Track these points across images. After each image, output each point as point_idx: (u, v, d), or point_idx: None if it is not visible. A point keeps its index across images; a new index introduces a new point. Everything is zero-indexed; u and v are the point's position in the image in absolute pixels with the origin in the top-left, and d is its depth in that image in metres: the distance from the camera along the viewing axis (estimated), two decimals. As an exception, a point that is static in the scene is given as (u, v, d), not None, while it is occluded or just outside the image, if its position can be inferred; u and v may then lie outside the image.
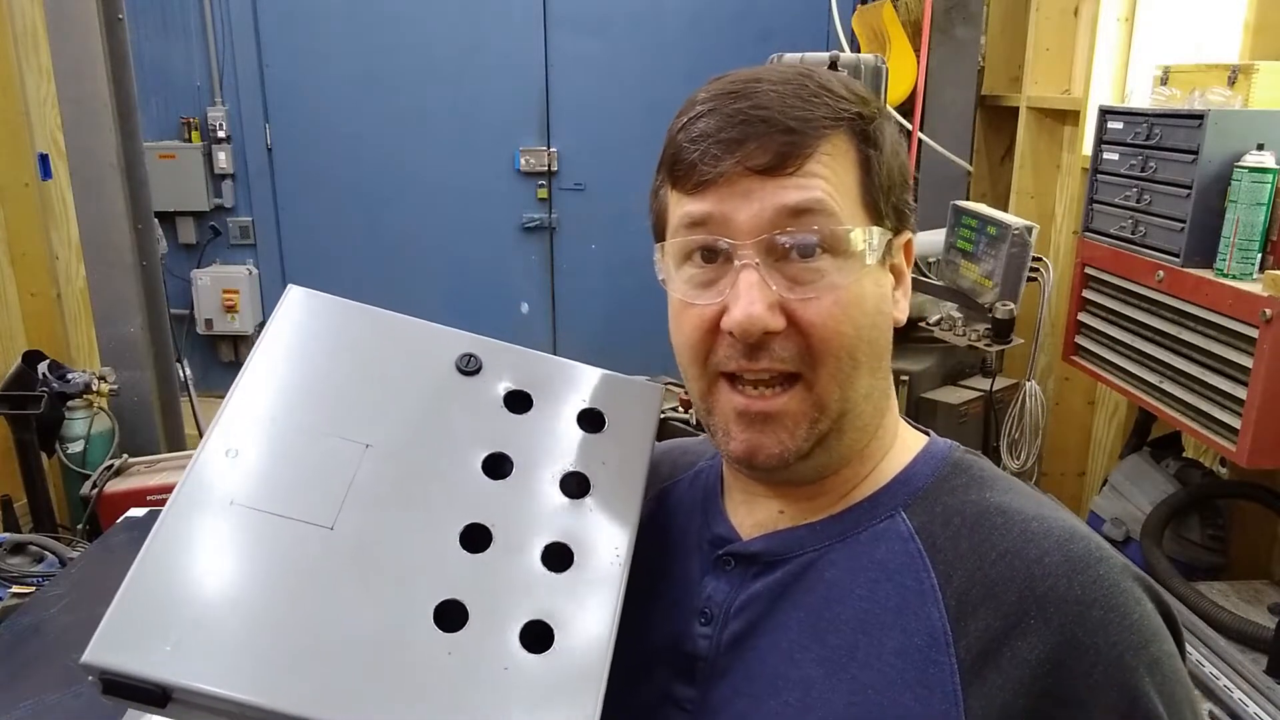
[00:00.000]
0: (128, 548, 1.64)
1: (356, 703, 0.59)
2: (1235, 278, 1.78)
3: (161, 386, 3.11)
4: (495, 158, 4.54)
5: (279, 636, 0.61)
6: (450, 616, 0.63)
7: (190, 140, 4.40)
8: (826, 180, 0.65)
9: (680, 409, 2.60)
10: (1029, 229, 2.26)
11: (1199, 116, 1.85)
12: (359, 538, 0.66)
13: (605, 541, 0.70)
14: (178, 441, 3.17)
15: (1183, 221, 1.90)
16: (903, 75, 3.33)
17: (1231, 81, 1.89)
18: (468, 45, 4.39)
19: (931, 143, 3.28)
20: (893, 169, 0.69)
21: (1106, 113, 2.20)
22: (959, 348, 2.45)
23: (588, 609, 0.66)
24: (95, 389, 2.88)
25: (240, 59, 4.37)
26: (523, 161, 4.54)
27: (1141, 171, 2.04)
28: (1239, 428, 1.74)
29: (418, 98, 4.43)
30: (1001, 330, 2.30)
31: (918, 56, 3.14)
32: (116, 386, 2.94)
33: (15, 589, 1.87)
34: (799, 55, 2.25)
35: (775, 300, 0.64)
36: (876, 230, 0.67)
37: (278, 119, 4.46)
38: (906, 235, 0.72)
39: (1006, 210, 2.95)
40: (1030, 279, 2.32)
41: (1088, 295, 2.30)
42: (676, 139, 0.68)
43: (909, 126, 3.04)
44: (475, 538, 0.68)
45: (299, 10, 4.35)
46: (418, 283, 4.57)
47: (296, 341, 0.75)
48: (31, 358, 2.83)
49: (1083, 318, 2.33)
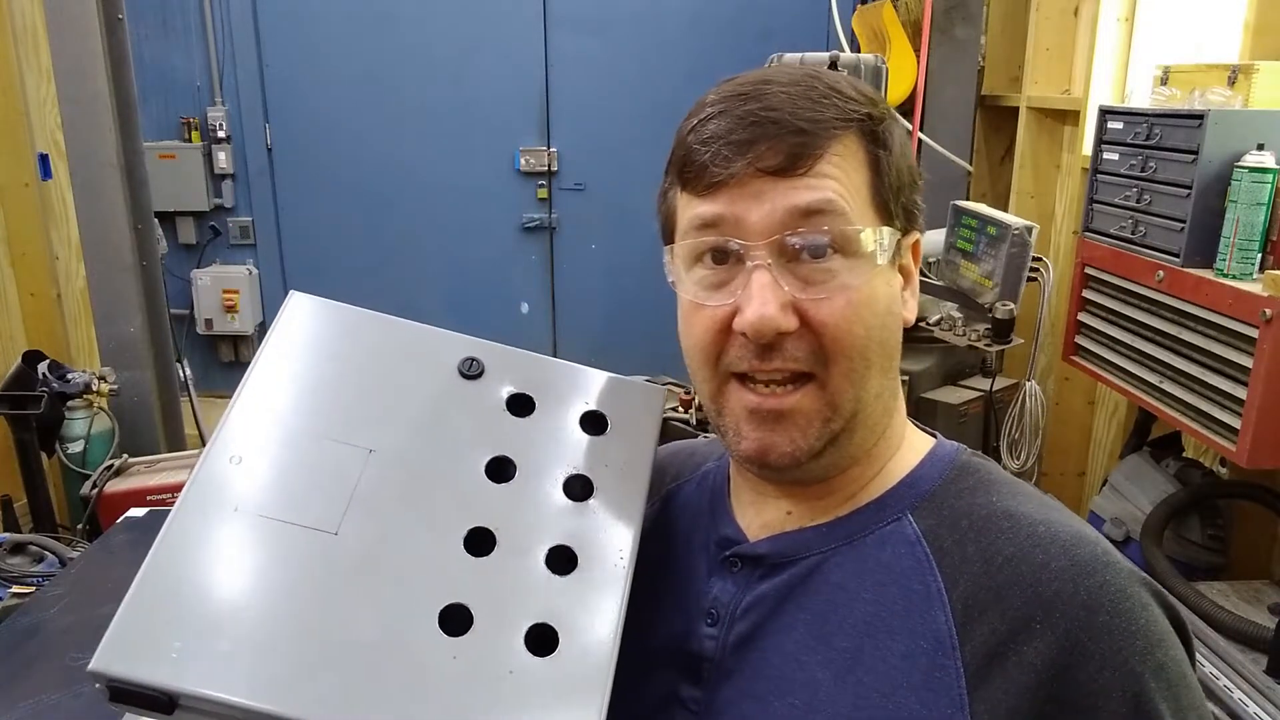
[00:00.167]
0: (128, 548, 1.64)
1: (362, 707, 0.59)
2: (1235, 278, 1.78)
3: (161, 386, 3.11)
4: (495, 158, 4.53)
5: (284, 642, 0.61)
6: (455, 621, 0.64)
7: (190, 140, 4.40)
8: (837, 181, 0.65)
9: (680, 409, 2.60)
10: (1029, 229, 2.26)
11: (1199, 116, 1.85)
12: (363, 543, 0.66)
13: (609, 544, 0.70)
14: (178, 442, 3.17)
15: (1183, 221, 1.90)
16: (903, 75, 3.33)
17: (1231, 81, 1.89)
18: (468, 45, 4.39)
19: (931, 143, 3.28)
20: (902, 169, 0.69)
21: (1106, 113, 2.20)
22: (959, 348, 2.45)
23: (592, 612, 0.66)
24: (95, 389, 2.88)
25: (240, 59, 4.36)
26: (523, 161, 4.53)
27: (1141, 171, 2.04)
28: (1239, 428, 1.74)
29: (418, 98, 4.43)
30: (1001, 330, 2.29)
31: (918, 56, 3.14)
32: (116, 386, 2.94)
33: (15, 589, 1.86)
34: (799, 55, 2.25)
35: (788, 300, 0.64)
36: (887, 230, 0.67)
37: (278, 119, 4.46)
38: (914, 236, 0.72)
39: (1006, 210, 2.95)
40: (1030, 279, 2.32)
41: (1088, 295, 2.30)
42: (686, 141, 0.68)
43: (909, 126, 3.04)
44: (479, 542, 0.68)
45: (299, 10, 4.34)
46: (417, 283, 4.57)
47: (299, 347, 0.75)
48: (31, 358, 2.83)
49: (1083, 318, 2.33)
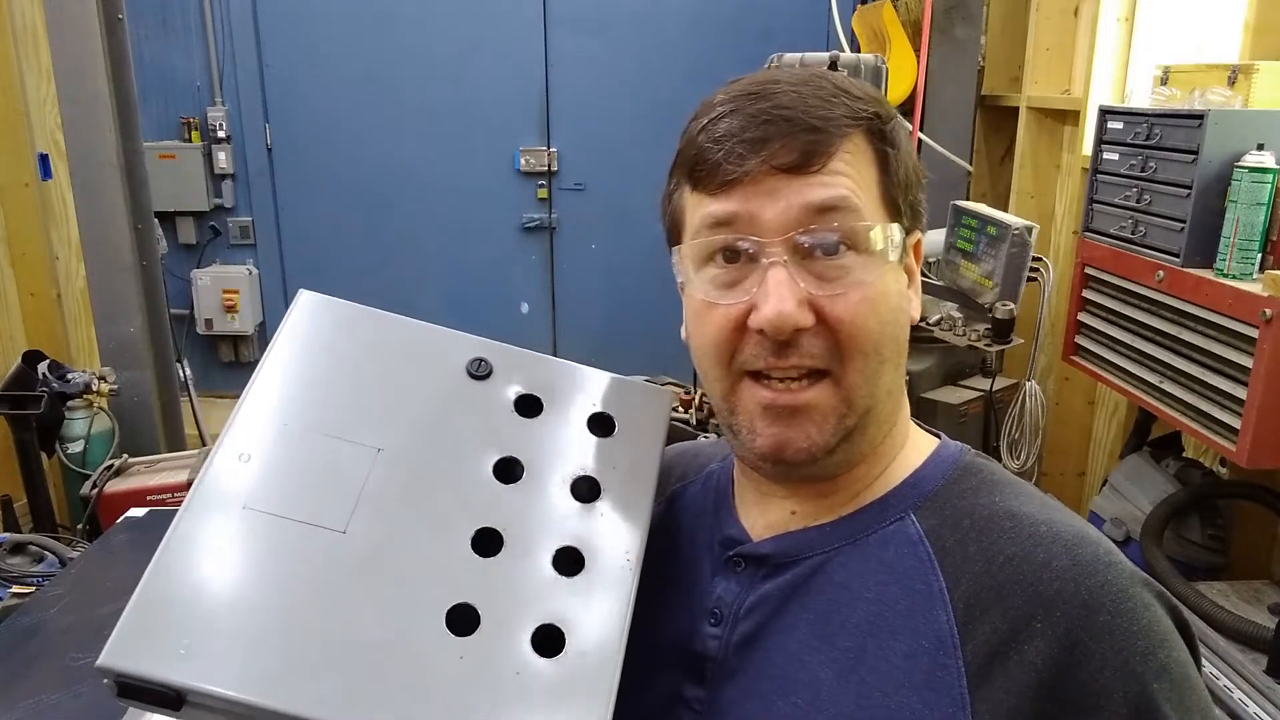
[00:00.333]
0: (128, 548, 1.64)
1: (369, 706, 0.59)
2: (1235, 278, 1.78)
3: (161, 386, 3.11)
4: (495, 158, 4.54)
5: (292, 640, 0.61)
6: (462, 620, 0.64)
7: (190, 140, 4.40)
8: (850, 178, 0.65)
9: (681, 409, 2.60)
10: (1029, 229, 2.26)
11: (1199, 116, 1.85)
12: (371, 542, 0.66)
13: (616, 546, 0.70)
14: (178, 441, 3.18)
15: (1183, 221, 1.90)
16: (903, 75, 3.33)
17: (1231, 81, 1.89)
18: (468, 45, 4.39)
19: (931, 143, 3.28)
20: (908, 168, 0.70)
21: (1106, 113, 2.20)
22: (959, 348, 2.45)
23: (599, 613, 0.66)
24: (95, 389, 2.88)
25: (240, 59, 4.36)
26: (523, 161, 4.53)
27: (1141, 171, 2.04)
28: (1239, 428, 1.74)
29: (418, 98, 4.43)
30: (1001, 330, 2.29)
31: (918, 56, 3.14)
32: (116, 386, 2.94)
33: (15, 589, 1.86)
34: (799, 55, 2.25)
35: (804, 297, 0.64)
36: (896, 227, 0.68)
37: (278, 119, 4.46)
38: (917, 235, 0.73)
39: (1006, 210, 2.95)
40: (1030, 279, 2.32)
41: (1088, 295, 2.30)
42: (697, 140, 0.68)
43: (909, 126, 3.04)
44: (486, 542, 0.68)
45: (299, 10, 4.34)
46: (418, 282, 4.57)
47: (308, 346, 0.75)
48: (31, 358, 2.83)
49: (1083, 318, 2.33)
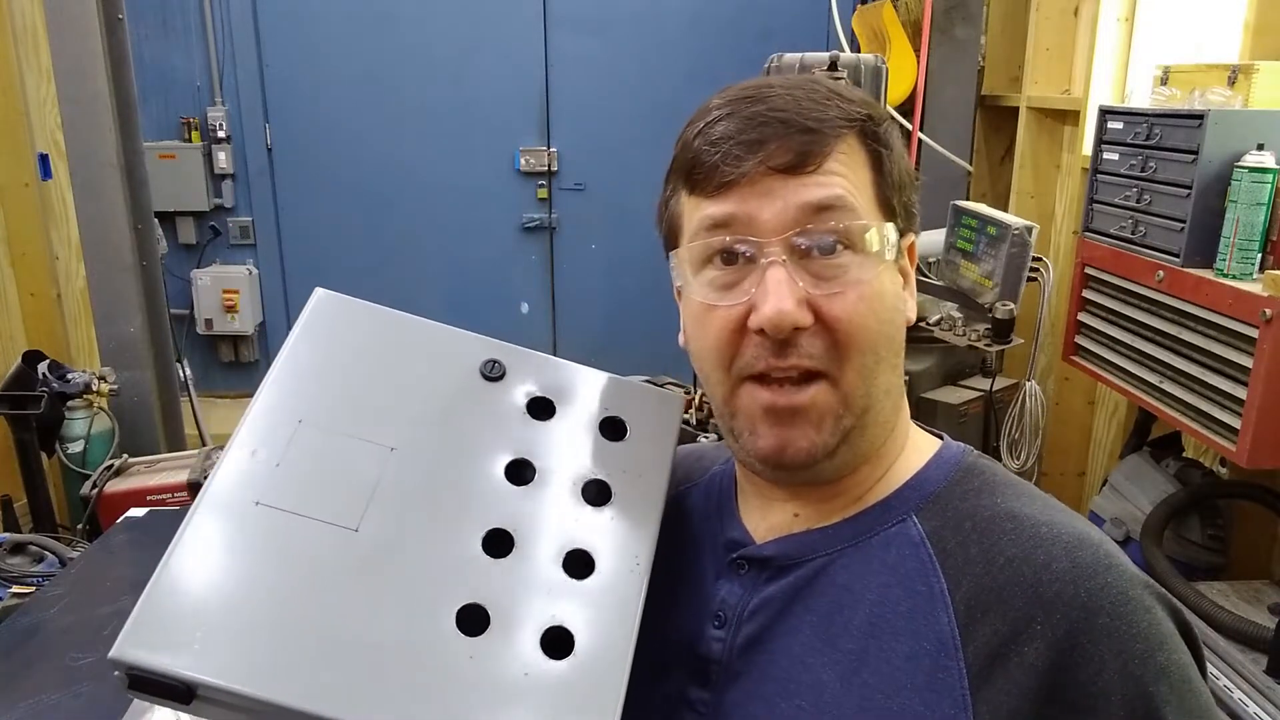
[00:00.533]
0: (128, 548, 1.64)
1: (379, 703, 0.60)
2: (1235, 278, 1.78)
3: (161, 386, 3.11)
4: (495, 158, 4.54)
5: (303, 636, 0.61)
6: (472, 620, 0.64)
7: (190, 140, 4.40)
8: (845, 178, 0.66)
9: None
10: (1029, 229, 2.26)
11: (1199, 116, 1.85)
12: (383, 540, 0.66)
13: (626, 549, 0.70)
14: (178, 441, 3.18)
15: (1183, 221, 1.90)
16: (903, 75, 3.33)
17: (1231, 81, 1.89)
18: (468, 45, 4.39)
19: (931, 143, 3.28)
20: (902, 169, 0.71)
21: (1106, 113, 2.20)
22: (959, 348, 2.45)
23: (608, 616, 0.66)
24: (95, 389, 2.87)
25: (240, 59, 4.36)
26: (523, 161, 4.54)
27: (1141, 171, 2.04)
28: (1239, 428, 1.74)
29: (418, 98, 4.43)
30: (1001, 330, 2.29)
31: (918, 56, 3.14)
32: (116, 386, 2.94)
33: (15, 589, 1.86)
34: (799, 55, 2.25)
35: (802, 296, 0.65)
36: (891, 227, 0.68)
37: (278, 119, 4.46)
38: (911, 237, 0.73)
39: (1006, 210, 2.95)
40: (1030, 279, 2.31)
41: (1088, 295, 2.30)
42: (693, 144, 0.68)
43: (909, 126, 3.04)
44: (497, 542, 0.68)
45: (299, 10, 4.34)
46: (418, 283, 4.57)
47: (323, 344, 0.75)
48: (31, 358, 2.82)
49: (1083, 318, 2.33)
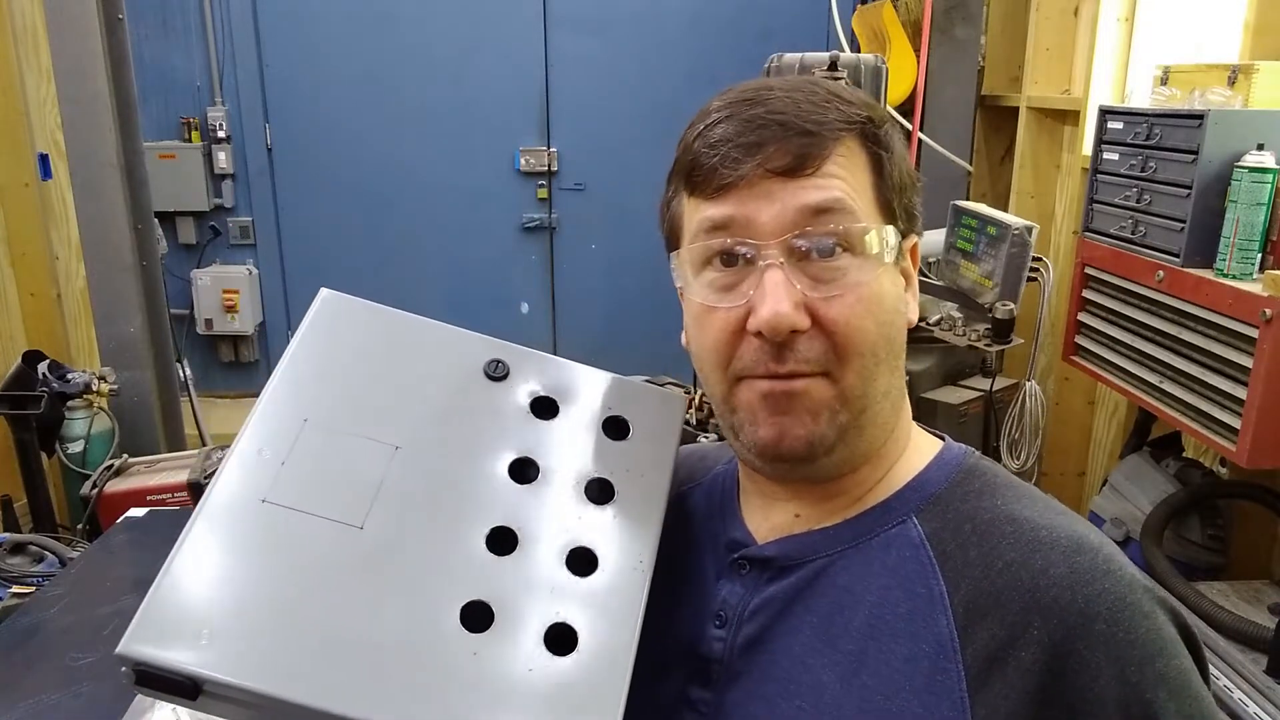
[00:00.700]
0: (128, 548, 1.64)
1: (384, 699, 0.60)
2: (1235, 278, 1.78)
3: (161, 386, 3.11)
4: (495, 158, 4.54)
5: (309, 633, 0.62)
6: (476, 617, 0.64)
7: (190, 140, 4.40)
8: (844, 181, 0.66)
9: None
10: (1029, 229, 2.26)
11: (1199, 116, 1.85)
12: (387, 538, 0.67)
13: (629, 548, 0.71)
14: (178, 441, 3.18)
15: (1183, 221, 1.90)
16: (903, 75, 3.33)
17: (1231, 81, 1.89)
18: (468, 45, 4.39)
19: (931, 143, 3.28)
20: (902, 172, 0.70)
21: (1106, 113, 2.20)
22: (959, 348, 2.45)
23: (611, 614, 0.67)
24: (95, 389, 2.87)
25: (240, 59, 4.36)
26: (523, 161, 4.54)
27: (1141, 171, 2.04)
28: (1239, 428, 1.74)
29: (418, 98, 4.43)
30: (1001, 330, 2.29)
31: (918, 56, 3.14)
32: (116, 386, 2.94)
33: (15, 589, 1.86)
34: (799, 55, 2.25)
35: (800, 299, 0.65)
36: (891, 229, 0.68)
37: (278, 119, 4.46)
38: (913, 239, 0.73)
39: (1006, 210, 2.95)
40: (1030, 279, 2.31)
41: (1088, 295, 2.30)
42: (693, 147, 0.68)
43: (909, 126, 3.04)
44: (501, 540, 0.69)
45: (299, 10, 4.34)
46: (418, 283, 4.57)
47: (327, 344, 0.76)
48: (31, 358, 2.83)
49: (1083, 318, 2.33)
